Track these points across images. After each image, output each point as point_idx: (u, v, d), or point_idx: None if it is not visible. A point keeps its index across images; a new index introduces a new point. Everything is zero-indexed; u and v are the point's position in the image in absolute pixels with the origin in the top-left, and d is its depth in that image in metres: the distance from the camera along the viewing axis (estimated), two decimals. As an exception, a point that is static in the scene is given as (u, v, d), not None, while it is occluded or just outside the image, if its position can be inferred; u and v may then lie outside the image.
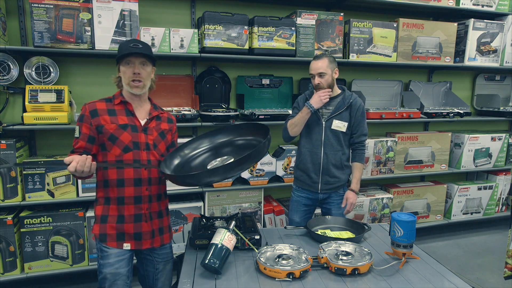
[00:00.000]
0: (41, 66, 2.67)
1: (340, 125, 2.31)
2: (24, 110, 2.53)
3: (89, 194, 2.69)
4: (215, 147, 1.87)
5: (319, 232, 1.90)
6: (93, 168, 1.53)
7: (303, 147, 2.41)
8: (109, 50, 2.61)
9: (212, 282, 1.45)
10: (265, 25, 2.91)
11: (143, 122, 1.74)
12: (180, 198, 3.00)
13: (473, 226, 4.05)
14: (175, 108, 2.99)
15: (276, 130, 2.81)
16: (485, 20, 3.64)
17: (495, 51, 3.72)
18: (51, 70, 2.71)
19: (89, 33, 2.56)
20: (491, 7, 3.63)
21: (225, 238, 1.55)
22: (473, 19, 3.58)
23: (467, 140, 3.72)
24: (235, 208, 3.08)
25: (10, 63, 2.61)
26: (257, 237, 1.75)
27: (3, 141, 2.48)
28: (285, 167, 3.13)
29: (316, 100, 2.26)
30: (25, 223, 2.57)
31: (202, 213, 2.98)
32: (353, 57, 3.23)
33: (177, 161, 1.81)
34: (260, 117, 2.95)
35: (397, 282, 1.46)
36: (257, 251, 1.61)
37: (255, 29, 2.89)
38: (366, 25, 3.23)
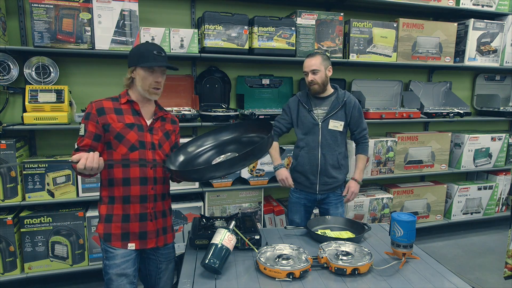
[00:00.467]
0: (41, 66, 2.67)
1: (337, 125, 2.31)
2: (24, 110, 2.53)
3: (89, 194, 2.69)
4: (219, 144, 1.88)
5: (319, 232, 1.90)
6: (102, 164, 1.52)
7: (300, 149, 2.40)
8: (109, 50, 2.61)
9: (212, 282, 1.45)
10: (265, 25, 2.91)
11: (149, 122, 1.75)
12: (180, 198, 3.00)
13: (473, 226, 4.05)
14: (175, 108, 2.99)
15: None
16: (485, 20, 3.64)
17: (495, 51, 3.72)
18: (51, 70, 2.70)
19: (89, 33, 2.56)
20: (491, 7, 3.63)
21: (225, 238, 1.55)
22: (473, 19, 3.58)
23: (467, 140, 3.72)
24: (235, 208, 3.08)
25: (10, 63, 2.61)
26: (257, 237, 1.75)
27: (3, 141, 2.48)
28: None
29: (281, 177, 2.35)
30: (25, 223, 2.57)
31: (202, 213, 2.98)
32: (353, 57, 3.23)
33: (181, 158, 1.81)
34: (260, 117, 2.95)
35: (397, 282, 1.46)
36: (257, 251, 1.61)
37: (255, 29, 2.89)
38: (366, 25, 3.23)
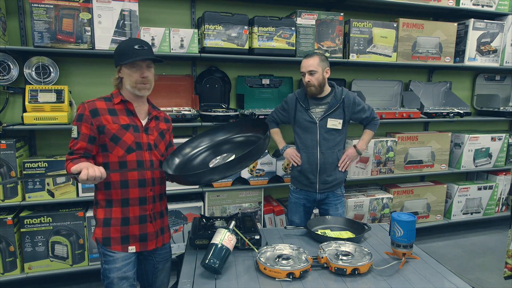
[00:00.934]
0: (41, 66, 2.67)
1: (335, 123, 2.31)
2: (24, 110, 2.53)
3: (89, 194, 2.69)
4: (216, 145, 1.88)
5: (319, 232, 1.90)
6: (104, 172, 1.46)
7: (299, 148, 2.41)
8: (109, 50, 2.61)
9: (212, 282, 1.45)
10: (265, 25, 2.91)
11: (144, 122, 1.71)
12: (180, 198, 3.00)
13: (473, 226, 4.05)
14: (175, 108, 2.99)
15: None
16: (485, 20, 3.64)
17: (495, 51, 3.72)
18: (51, 70, 2.70)
19: (89, 33, 2.56)
20: (491, 7, 3.63)
21: (225, 238, 1.55)
22: (473, 19, 3.58)
23: (467, 140, 3.72)
24: (235, 208, 3.08)
25: (10, 63, 2.61)
26: (257, 237, 1.75)
27: (3, 141, 2.48)
28: (285, 167, 3.13)
29: (288, 155, 2.43)
30: (25, 223, 2.57)
31: (202, 213, 2.98)
32: (353, 57, 3.23)
33: (178, 160, 1.81)
34: (260, 117, 2.95)
35: (397, 282, 1.46)
36: (257, 251, 1.61)
37: (255, 29, 2.89)
38: (366, 25, 3.23)
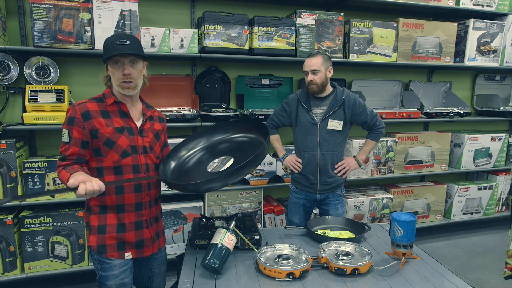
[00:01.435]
0: (41, 66, 2.67)
1: (336, 124, 2.30)
2: (24, 110, 2.53)
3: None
4: (213, 146, 1.84)
5: (319, 232, 1.90)
6: (102, 185, 1.38)
7: (299, 149, 2.40)
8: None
9: (212, 282, 1.45)
10: (265, 25, 2.91)
11: (138, 124, 1.63)
12: (180, 198, 3.00)
13: (473, 226, 4.05)
14: (175, 108, 2.99)
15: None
16: (485, 20, 3.64)
17: (495, 51, 3.72)
18: (51, 70, 2.70)
19: (89, 33, 2.56)
20: (491, 7, 3.63)
21: (225, 238, 1.55)
22: (473, 19, 3.58)
23: (467, 140, 3.72)
24: (235, 208, 3.08)
25: (10, 63, 2.61)
26: (257, 237, 1.75)
27: (3, 141, 2.48)
28: (285, 167, 3.13)
29: (289, 163, 2.42)
30: (25, 223, 2.57)
31: (202, 213, 2.98)
32: (353, 57, 3.23)
33: (174, 163, 1.76)
34: (260, 117, 2.95)
35: (397, 282, 1.46)
36: (257, 251, 1.61)
37: (255, 29, 2.89)
38: (366, 25, 3.23)
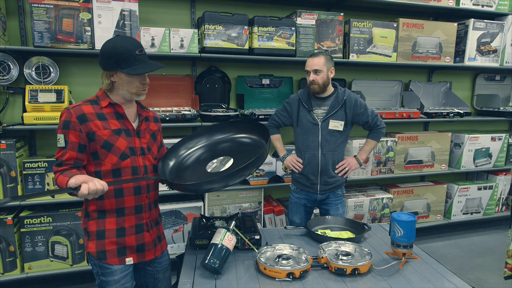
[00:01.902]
0: (41, 66, 2.67)
1: (337, 125, 2.30)
2: (24, 110, 2.53)
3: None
4: (212, 146, 1.84)
5: (319, 232, 1.90)
6: (105, 185, 1.37)
7: (300, 149, 2.40)
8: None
9: (212, 282, 1.45)
10: (265, 25, 2.91)
11: (134, 125, 1.62)
12: (180, 198, 3.00)
13: (473, 226, 4.05)
14: (175, 108, 2.99)
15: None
16: (485, 20, 3.64)
17: (495, 51, 3.72)
18: (51, 70, 2.70)
19: (89, 33, 2.56)
20: (491, 7, 3.63)
21: (225, 238, 1.55)
22: (473, 19, 3.58)
23: (467, 140, 3.72)
24: (235, 208, 3.08)
25: (10, 63, 2.61)
26: (257, 237, 1.75)
27: (3, 141, 2.48)
28: (285, 167, 3.13)
29: (289, 163, 2.43)
30: (25, 223, 2.57)
31: (202, 213, 2.98)
32: (353, 57, 3.23)
33: (172, 163, 1.76)
34: (260, 117, 2.95)
35: (397, 282, 1.46)
36: (257, 251, 1.62)
37: (255, 29, 2.89)
38: (366, 25, 3.23)
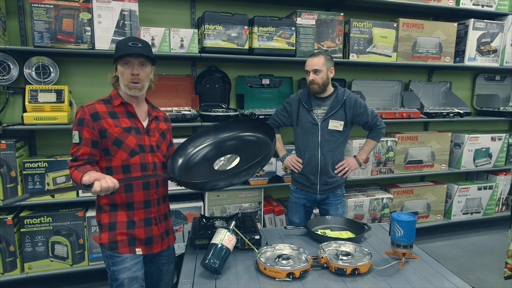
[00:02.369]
0: (41, 66, 2.67)
1: (336, 125, 2.30)
2: (24, 110, 2.53)
3: (89, 194, 2.64)
4: (219, 144, 1.87)
5: (319, 232, 1.90)
6: (117, 182, 1.44)
7: (300, 149, 2.40)
8: (109, 50, 2.61)
9: (212, 282, 1.45)
10: (265, 25, 2.91)
11: (144, 123, 1.69)
12: (180, 198, 3.00)
13: (473, 226, 4.05)
14: (175, 108, 2.99)
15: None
16: (485, 20, 3.64)
17: (495, 51, 3.72)
18: (51, 70, 2.70)
19: (89, 33, 2.56)
20: (491, 7, 3.63)
21: (225, 238, 1.55)
22: (473, 19, 3.58)
23: (467, 140, 3.72)
24: (235, 208, 3.08)
25: (10, 63, 2.61)
26: (257, 237, 1.75)
27: (3, 141, 2.48)
28: (285, 167, 3.13)
29: (289, 162, 2.42)
30: (25, 223, 2.57)
31: (202, 213, 2.98)
32: (353, 57, 3.23)
33: (181, 160, 1.80)
34: (260, 117, 2.94)
35: (397, 282, 1.46)
36: (257, 251, 1.62)
37: (255, 29, 2.89)
38: (366, 25, 3.23)
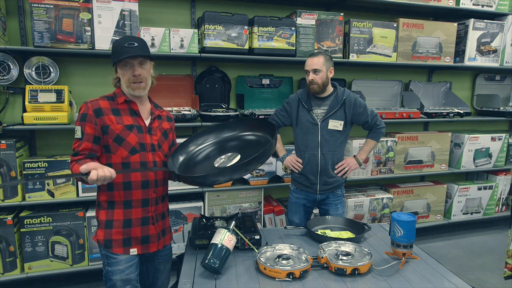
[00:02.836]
0: (41, 66, 2.67)
1: (336, 124, 2.30)
2: (24, 110, 2.53)
3: (89, 194, 2.69)
4: (221, 143, 1.87)
5: (319, 232, 1.90)
6: (114, 172, 1.44)
7: (300, 149, 2.40)
8: (109, 50, 2.59)
9: (212, 282, 1.45)
10: (265, 25, 2.91)
11: (147, 122, 1.68)
12: (180, 198, 3.00)
13: (473, 226, 4.05)
14: (175, 108, 2.99)
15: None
16: (485, 20, 3.64)
17: (495, 51, 3.72)
18: (51, 70, 2.70)
19: (89, 33, 2.56)
20: (491, 7, 3.63)
21: (225, 238, 1.55)
22: (473, 19, 3.58)
23: (467, 140, 3.72)
24: (235, 208, 3.08)
25: (10, 63, 2.61)
26: (257, 237, 1.75)
27: (3, 141, 2.48)
28: (285, 167, 3.13)
29: (289, 163, 2.42)
30: (25, 223, 2.57)
31: (202, 213, 2.98)
32: (353, 57, 3.23)
33: (182, 158, 1.80)
34: (260, 117, 2.94)
35: (397, 282, 1.46)
36: (257, 251, 1.61)
37: (255, 29, 2.89)
38: (366, 25, 3.23)
